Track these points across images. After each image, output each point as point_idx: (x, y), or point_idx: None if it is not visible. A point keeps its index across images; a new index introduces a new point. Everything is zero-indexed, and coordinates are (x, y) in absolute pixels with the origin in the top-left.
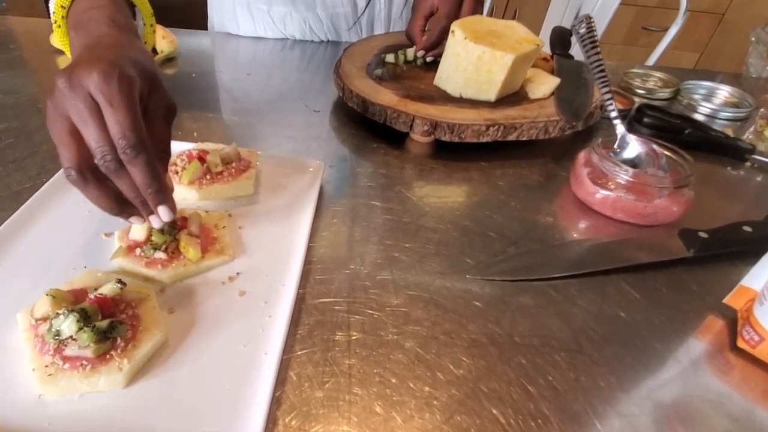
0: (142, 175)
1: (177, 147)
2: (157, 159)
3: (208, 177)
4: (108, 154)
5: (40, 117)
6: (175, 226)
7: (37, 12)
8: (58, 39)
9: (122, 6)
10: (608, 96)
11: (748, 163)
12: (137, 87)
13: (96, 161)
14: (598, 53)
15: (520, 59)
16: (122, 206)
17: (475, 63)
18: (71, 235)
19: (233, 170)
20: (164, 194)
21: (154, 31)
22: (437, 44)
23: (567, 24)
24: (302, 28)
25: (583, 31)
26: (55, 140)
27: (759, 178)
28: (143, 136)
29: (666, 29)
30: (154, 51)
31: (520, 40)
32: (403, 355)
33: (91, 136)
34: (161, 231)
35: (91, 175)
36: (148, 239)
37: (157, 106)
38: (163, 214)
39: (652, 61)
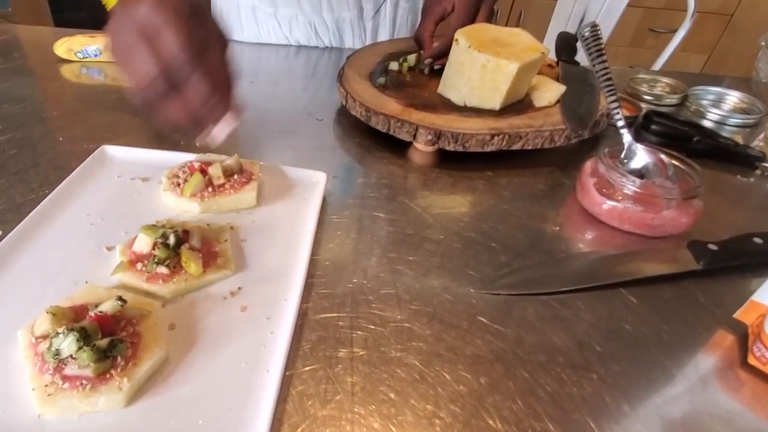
0: (200, 89)
1: (179, 158)
2: (218, 93)
3: (210, 189)
4: (156, 78)
5: (43, 126)
6: (179, 241)
7: (42, 19)
8: None
9: None
10: (615, 105)
11: (758, 171)
12: (185, 13)
13: (149, 86)
14: (604, 61)
15: (525, 67)
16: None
17: (479, 71)
18: (73, 248)
19: (235, 183)
20: (227, 102)
21: None
22: (446, 53)
23: (573, 26)
24: (308, 32)
25: (588, 38)
26: (119, 68)
27: None
28: (195, 54)
29: (673, 31)
30: None
31: (525, 48)
32: (406, 373)
33: (141, 62)
34: (166, 245)
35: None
36: (151, 253)
37: (207, 38)
38: (229, 119)
39: (659, 64)
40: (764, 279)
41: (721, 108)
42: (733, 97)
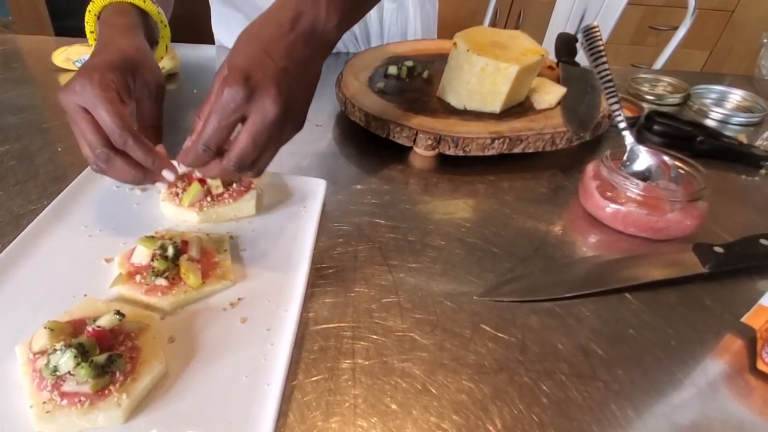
0: (136, 154)
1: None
2: (148, 133)
3: (208, 199)
4: (97, 147)
5: (42, 137)
6: (178, 253)
7: (42, 27)
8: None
9: (127, 11)
10: (616, 107)
11: (763, 171)
12: (114, 84)
13: (91, 154)
14: (604, 63)
15: (525, 70)
16: (141, 176)
17: (478, 75)
18: (71, 260)
19: (234, 192)
20: (160, 162)
21: (166, 48)
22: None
23: (572, 26)
24: None
25: (587, 40)
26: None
27: None
28: (125, 124)
29: (674, 28)
30: None
31: (525, 51)
32: (409, 384)
33: (83, 136)
34: (164, 257)
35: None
36: (150, 265)
37: (143, 88)
38: (167, 175)
39: (661, 62)
40: None
41: (723, 107)
42: (736, 96)
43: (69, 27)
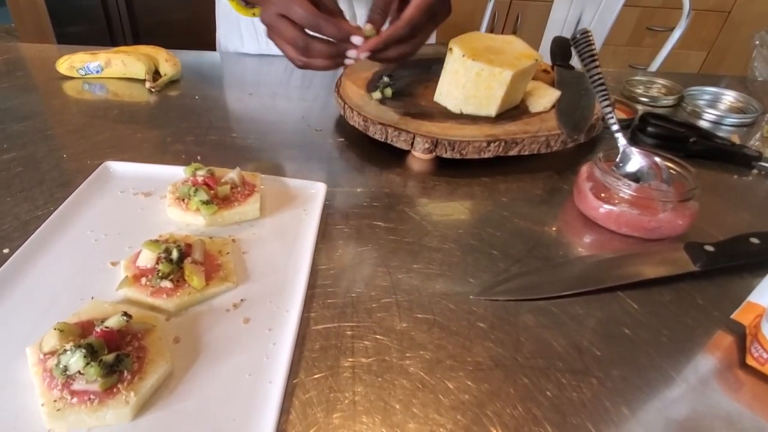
0: (329, 29)
1: (180, 172)
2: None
3: (214, 203)
4: (298, 39)
5: (47, 144)
6: (182, 256)
7: (44, 34)
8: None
9: None
10: (609, 110)
11: (755, 171)
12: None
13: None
14: (597, 66)
15: (519, 75)
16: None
17: (473, 80)
18: (78, 264)
19: (238, 195)
20: (348, 29)
21: None
22: (389, 46)
23: (569, 29)
24: None
25: (580, 44)
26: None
27: (766, 186)
28: (314, 12)
29: (671, 29)
30: (158, 74)
31: (519, 56)
32: (408, 381)
33: (284, 38)
34: (169, 260)
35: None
36: (155, 268)
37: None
38: (355, 40)
39: (657, 63)
40: (761, 279)
41: (717, 108)
42: (729, 97)
43: (71, 33)
